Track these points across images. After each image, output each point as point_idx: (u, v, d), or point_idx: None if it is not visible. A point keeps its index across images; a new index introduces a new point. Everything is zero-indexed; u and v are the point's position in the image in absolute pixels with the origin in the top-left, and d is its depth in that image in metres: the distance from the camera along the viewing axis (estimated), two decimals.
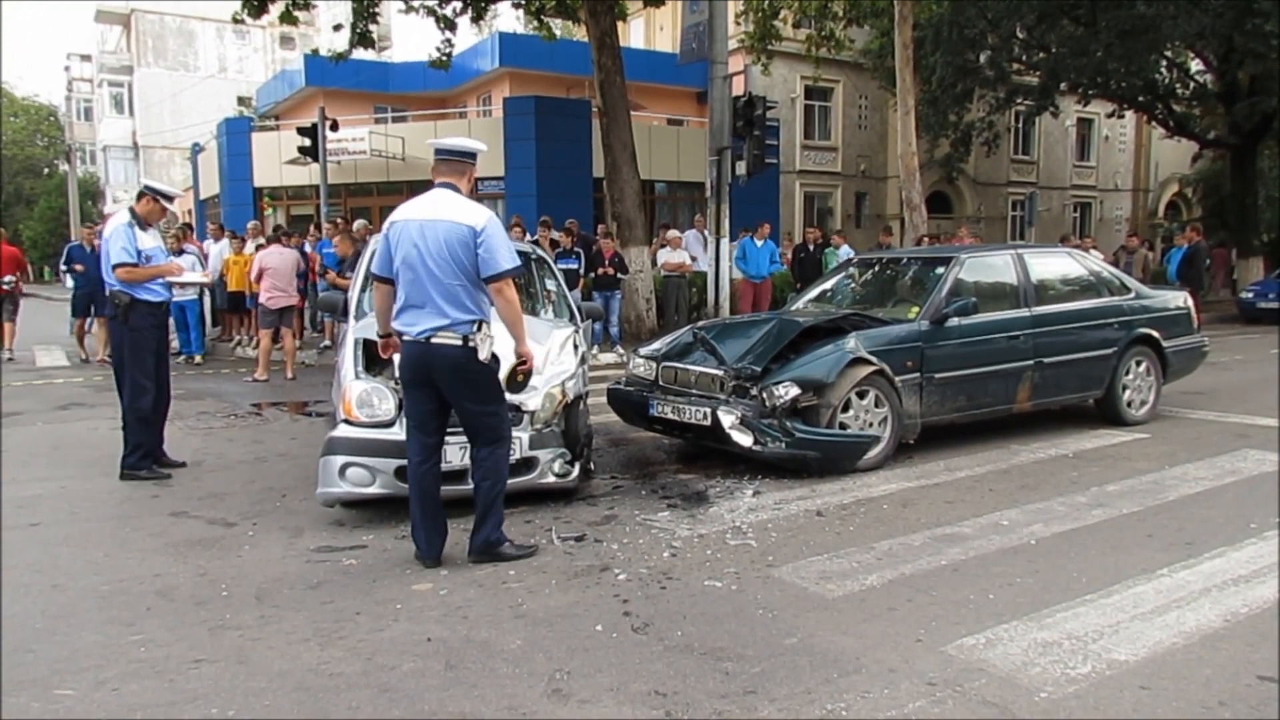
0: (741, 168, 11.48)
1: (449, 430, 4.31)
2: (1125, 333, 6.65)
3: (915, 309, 6.01)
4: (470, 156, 4.03)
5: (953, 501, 4.79)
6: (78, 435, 6.99)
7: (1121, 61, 18.28)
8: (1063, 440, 6.24)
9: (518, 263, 3.93)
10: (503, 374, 3.98)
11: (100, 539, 4.34)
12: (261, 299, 10.09)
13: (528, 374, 4.00)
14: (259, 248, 11.37)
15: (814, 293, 7.31)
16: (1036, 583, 3.57)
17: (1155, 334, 6.80)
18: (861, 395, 5.42)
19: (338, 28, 14.76)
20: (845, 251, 13.25)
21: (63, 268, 12.28)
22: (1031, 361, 6.18)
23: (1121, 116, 25.16)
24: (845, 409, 5.35)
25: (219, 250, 12.69)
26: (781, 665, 2.88)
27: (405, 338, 3.80)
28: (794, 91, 24.12)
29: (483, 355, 3.80)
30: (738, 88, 12.30)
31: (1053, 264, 6.86)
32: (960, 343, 5.87)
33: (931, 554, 3.93)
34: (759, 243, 12.97)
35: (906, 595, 3.46)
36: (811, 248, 13.67)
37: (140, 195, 5.69)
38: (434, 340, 3.74)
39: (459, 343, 3.75)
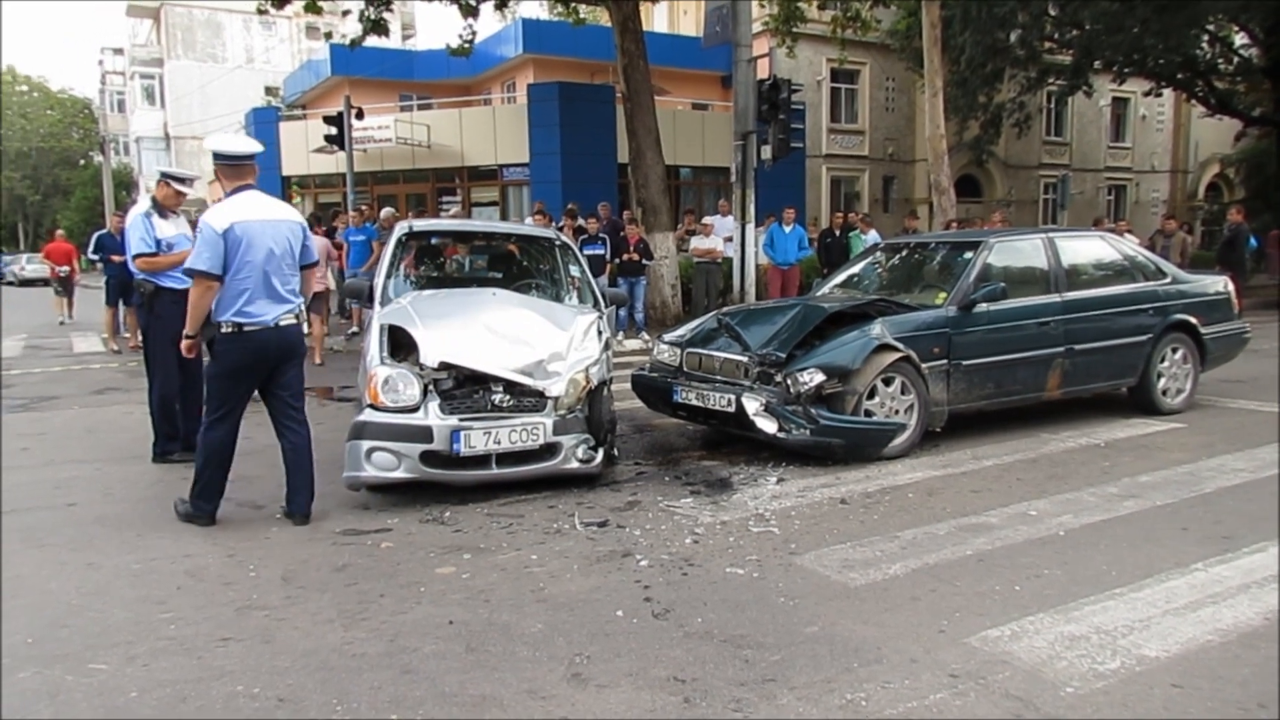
0: (767, 152, 11.39)
1: (471, 415, 4.49)
2: (1160, 319, 6.51)
3: (943, 295, 5.94)
4: (254, 158, 4.36)
5: (979, 491, 4.74)
6: (112, 419, 7.12)
7: (1159, 37, 17.78)
8: (1094, 429, 6.14)
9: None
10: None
11: (133, 519, 4.42)
12: None
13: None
14: None
15: (840, 278, 7.24)
16: (1064, 575, 3.52)
17: (1192, 320, 6.65)
18: (887, 382, 5.36)
19: (346, 13, 14.76)
20: (872, 237, 13.11)
21: (91, 255, 12.46)
22: (1062, 348, 6.07)
23: (1159, 95, 24.45)
24: (871, 396, 5.30)
25: None
26: (802, 654, 2.87)
27: (249, 327, 4.15)
28: (820, 74, 23.85)
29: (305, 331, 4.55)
30: (762, 71, 12.14)
31: (1085, 248, 6.73)
32: (988, 329, 5.79)
33: (956, 544, 3.89)
34: (787, 228, 12.87)
35: (930, 585, 3.43)
36: (837, 233, 13.55)
37: (159, 182, 5.75)
38: (281, 324, 4.24)
39: (295, 323, 4.34)
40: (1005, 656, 2.82)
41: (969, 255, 6.14)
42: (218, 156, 4.22)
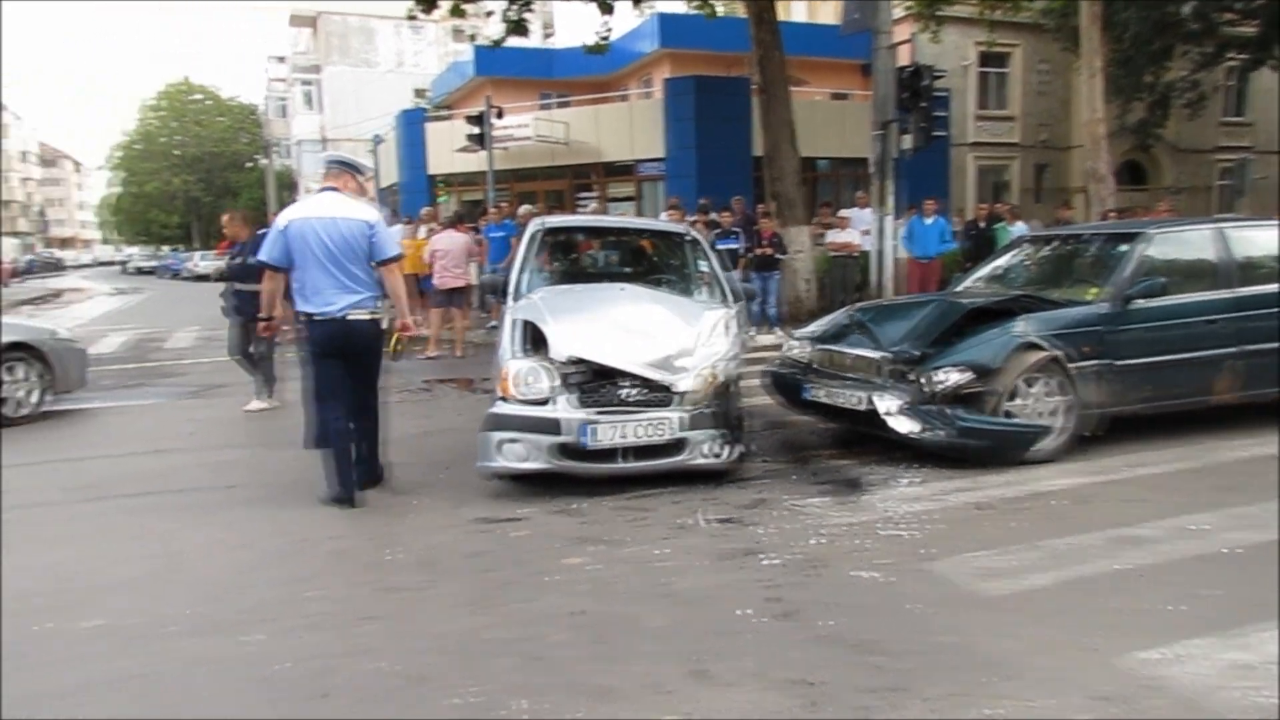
0: (907, 141, 10.97)
1: (601, 409, 4.54)
2: None
3: (1095, 290, 5.56)
4: (350, 167, 4.83)
5: (1135, 501, 4.41)
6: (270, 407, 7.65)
7: None
8: (1272, 438, 5.58)
9: (401, 249, 5.01)
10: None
11: (284, 502, 4.74)
12: (434, 280, 10.67)
13: (405, 341, 4.96)
14: (432, 232, 12.00)
15: (983, 272, 6.91)
16: (1230, 597, 3.22)
17: None
18: (1031, 382, 5.07)
19: (489, 14, 15.22)
20: (1019, 228, 12.41)
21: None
22: (1233, 348, 5.56)
23: None
24: (1013, 397, 5.03)
25: (395, 234, 13.50)
26: (934, 663, 2.76)
27: (318, 317, 4.48)
28: (966, 58, 22.74)
29: (384, 325, 4.70)
30: (904, 57, 11.72)
31: (1263, 239, 6.12)
32: (1146, 327, 5.37)
33: (1107, 556, 3.63)
34: (928, 220, 12.38)
35: (1076, 599, 3.22)
36: (982, 224, 12.91)
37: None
38: (350, 317, 4.50)
39: (368, 317, 4.57)
40: (1159, 682, 2.62)
41: (1125, 248, 5.71)
42: (326, 162, 4.90)
